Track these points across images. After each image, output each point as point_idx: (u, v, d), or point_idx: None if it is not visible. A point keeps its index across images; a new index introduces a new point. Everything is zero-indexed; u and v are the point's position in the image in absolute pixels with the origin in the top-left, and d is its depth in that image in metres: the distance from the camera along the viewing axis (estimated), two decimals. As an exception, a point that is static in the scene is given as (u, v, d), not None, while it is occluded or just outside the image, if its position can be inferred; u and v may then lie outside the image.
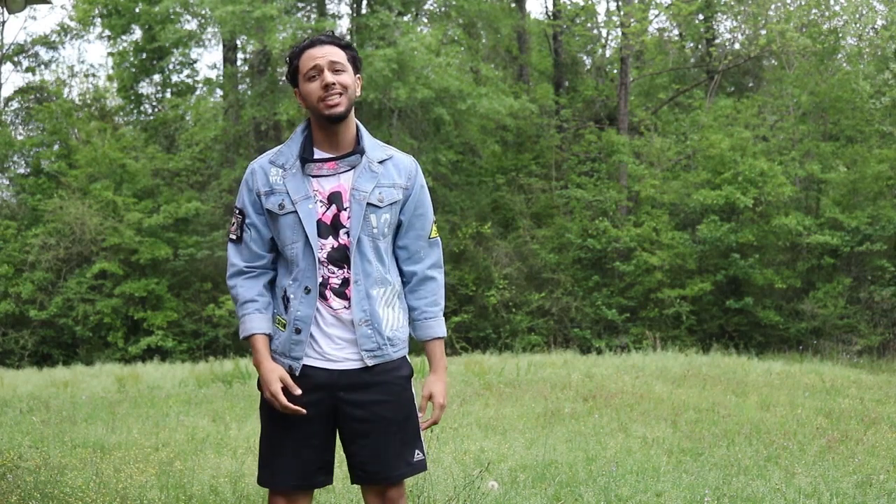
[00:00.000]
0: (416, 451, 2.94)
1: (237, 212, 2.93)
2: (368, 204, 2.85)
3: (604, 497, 4.83)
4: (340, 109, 2.82)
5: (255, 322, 2.88)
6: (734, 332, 18.56)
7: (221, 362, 14.47)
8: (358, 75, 2.91)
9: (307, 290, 2.84)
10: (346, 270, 2.85)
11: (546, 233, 20.32)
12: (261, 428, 2.96)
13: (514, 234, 20.49)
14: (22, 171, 23.49)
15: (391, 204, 2.90)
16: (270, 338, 2.89)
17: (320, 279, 2.84)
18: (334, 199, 2.86)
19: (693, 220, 19.82)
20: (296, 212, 2.83)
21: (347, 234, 2.84)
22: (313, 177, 2.86)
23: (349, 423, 2.87)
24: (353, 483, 2.97)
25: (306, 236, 2.82)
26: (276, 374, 2.82)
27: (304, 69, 2.85)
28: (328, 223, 2.85)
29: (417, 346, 3.08)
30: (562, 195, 20.94)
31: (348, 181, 2.87)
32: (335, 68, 2.83)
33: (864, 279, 18.51)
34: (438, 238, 3.04)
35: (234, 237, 2.93)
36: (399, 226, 2.96)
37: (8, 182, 23.64)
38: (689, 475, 5.38)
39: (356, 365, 2.86)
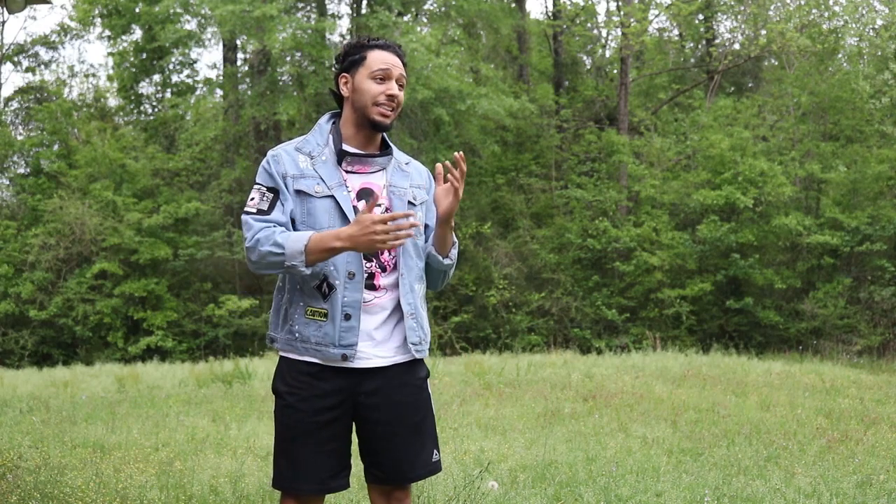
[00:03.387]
0: (434, 452, 2.94)
1: (266, 189, 2.80)
2: (409, 202, 2.92)
3: (604, 497, 4.83)
4: (388, 122, 2.87)
5: (300, 233, 2.74)
6: (734, 332, 18.57)
7: (221, 362, 14.46)
8: None
9: (351, 275, 2.79)
10: (374, 264, 2.84)
11: (546, 233, 20.32)
12: (276, 432, 2.90)
13: (514, 234, 20.49)
14: (22, 171, 23.48)
15: (422, 203, 2.98)
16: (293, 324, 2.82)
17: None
18: (364, 194, 2.87)
19: (693, 220, 19.83)
20: (332, 196, 2.81)
21: None
22: (345, 171, 2.87)
23: (368, 424, 2.86)
24: (367, 482, 2.95)
25: (344, 221, 2.79)
26: (364, 215, 2.67)
27: (375, 66, 2.86)
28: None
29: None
30: (562, 195, 20.94)
31: (380, 179, 2.90)
32: (400, 82, 2.90)
33: (864, 279, 18.51)
34: None
35: (254, 210, 2.78)
36: (426, 228, 3.02)
37: (8, 182, 23.64)
38: (689, 475, 5.38)
39: (380, 363, 2.84)
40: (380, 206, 2.85)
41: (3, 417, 8.13)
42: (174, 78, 23.83)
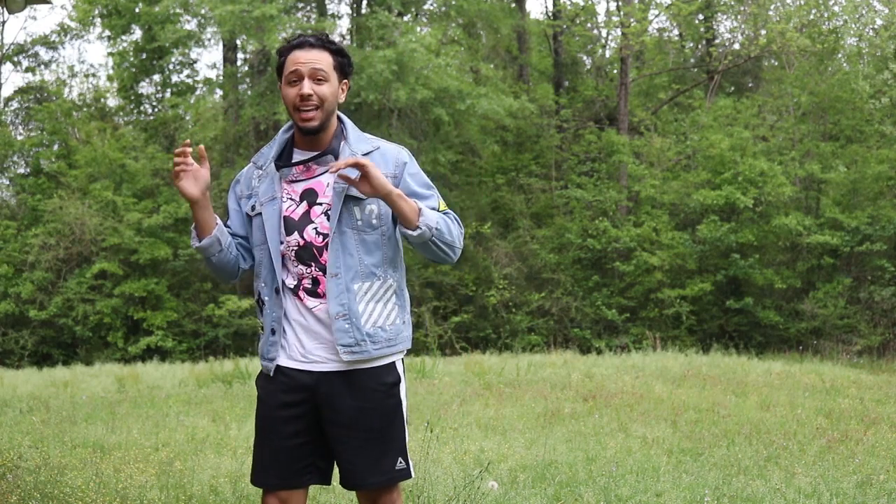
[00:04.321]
0: (399, 460, 2.87)
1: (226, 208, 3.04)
2: (348, 196, 2.77)
3: (604, 497, 4.83)
4: (314, 124, 2.78)
5: None
6: (734, 332, 18.56)
7: (221, 362, 14.47)
8: (345, 80, 2.87)
9: (276, 291, 2.85)
10: (313, 268, 2.81)
11: (546, 233, 20.31)
12: (255, 427, 2.98)
13: (514, 234, 20.49)
14: (22, 171, 23.49)
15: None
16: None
17: (294, 279, 2.83)
18: (306, 195, 2.84)
19: (693, 220, 19.83)
20: (261, 213, 2.86)
21: (316, 230, 2.80)
22: (289, 181, 2.86)
23: (329, 426, 2.85)
24: (340, 484, 2.95)
25: (273, 235, 2.83)
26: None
27: (287, 71, 2.82)
28: (296, 220, 2.82)
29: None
30: (562, 195, 20.94)
31: (328, 177, 2.82)
32: (317, 76, 2.78)
33: (864, 279, 18.51)
34: (450, 211, 2.89)
35: None
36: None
37: (8, 182, 23.64)
38: (689, 475, 5.38)
39: (337, 367, 2.81)
40: (318, 204, 2.81)
41: (3, 417, 8.13)
42: (174, 78, 23.83)
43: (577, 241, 19.52)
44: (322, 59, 2.80)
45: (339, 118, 2.90)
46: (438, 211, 2.84)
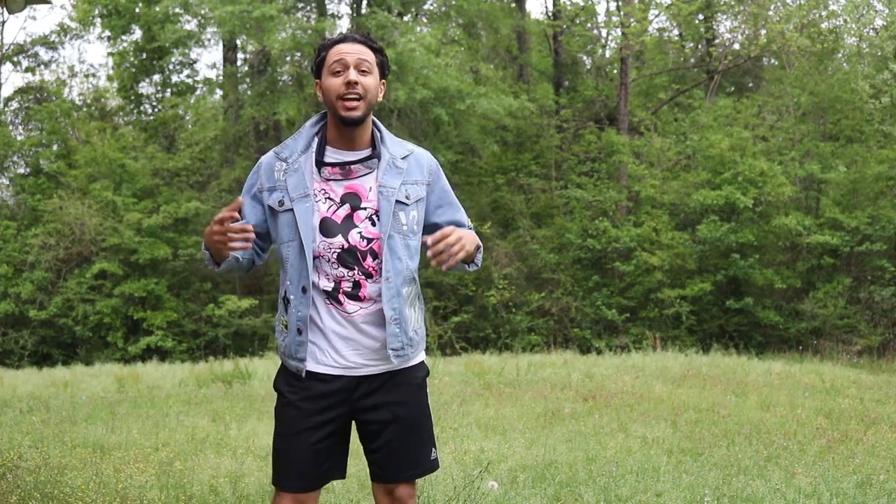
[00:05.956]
0: (431, 450, 2.94)
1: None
2: (397, 201, 2.80)
3: (604, 497, 4.83)
4: (357, 114, 2.75)
5: None
6: (734, 332, 18.56)
7: (221, 362, 14.45)
8: (382, 80, 2.86)
9: (303, 290, 2.78)
10: (356, 272, 2.78)
11: (546, 233, 20.32)
12: (275, 430, 2.91)
13: (514, 234, 20.50)
14: (22, 171, 23.50)
15: (417, 201, 2.86)
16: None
17: (332, 282, 2.78)
18: (349, 198, 2.79)
19: (693, 220, 19.83)
20: (292, 210, 2.77)
21: (360, 234, 2.78)
22: (325, 179, 2.79)
23: (367, 424, 2.87)
24: (372, 480, 2.96)
25: (305, 233, 2.76)
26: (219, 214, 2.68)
27: (330, 61, 2.78)
28: (338, 222, 2.78)
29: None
30: (562, 195, 20.94)
31: (369, 181, 2.81)
32: (362, 68, 2.77)
33: (864, 279, 18.51)
34: (472, 224, 3.03)
35: None
36: (436, 227, 2.90)
37: (8, 182, 23.64)
38: (689, 475, 5.38)
39: (375, 370, 2.83)
40: (363, 209, 2.78)
41: (3, 417, 8.13)
42: (174, 78, 23.85)
43: (577, 241, 19.52)
44: (367, 53, 2.80)
45: (372, 121, 2.89)
46: (467, 226, 2.95)
